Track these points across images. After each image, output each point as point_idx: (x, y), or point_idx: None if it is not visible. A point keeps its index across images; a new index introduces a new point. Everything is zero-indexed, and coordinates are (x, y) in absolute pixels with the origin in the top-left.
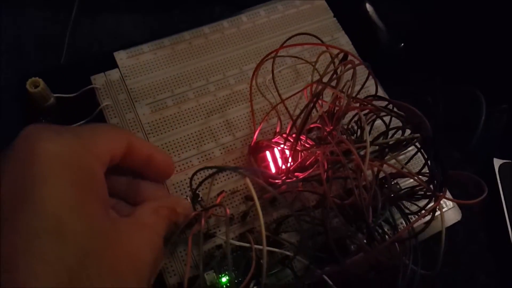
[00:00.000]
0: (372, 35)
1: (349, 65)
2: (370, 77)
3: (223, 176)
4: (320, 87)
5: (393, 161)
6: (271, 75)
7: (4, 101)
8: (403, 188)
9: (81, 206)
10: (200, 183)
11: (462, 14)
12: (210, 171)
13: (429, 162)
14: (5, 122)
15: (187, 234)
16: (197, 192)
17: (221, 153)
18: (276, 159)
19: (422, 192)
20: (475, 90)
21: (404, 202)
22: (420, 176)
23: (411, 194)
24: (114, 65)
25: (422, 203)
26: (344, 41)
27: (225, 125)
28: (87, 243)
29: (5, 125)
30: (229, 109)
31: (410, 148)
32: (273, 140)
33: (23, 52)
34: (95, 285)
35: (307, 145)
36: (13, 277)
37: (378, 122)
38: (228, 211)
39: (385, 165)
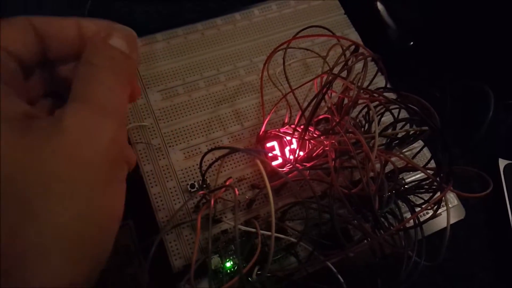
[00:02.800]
0: (382, 33)
1: (360, 57)
2: (379, 73)
3: (230, 164)
4: (330, 77)
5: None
6: (280, 67)
7: None
8: (407, 182)
9: None
10: (211, 164)
11: (470, 12)
12: (220, 155)
13: (436, 154)
14: None
15: (194, 216)
16: (205, 177)
17: (229, 142)
18: (283, 149)
19: (428, 186)
20: (483, 85)
21: (409, 195)
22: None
23: (417, 188)
24: None
25: (427, 197)
26: (354, 38)
27: (234, 114)
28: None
29: None
30: (238, 99)
31: (415, 144)
32: (281, 130)
33: None
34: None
35: (315, 135)
36: None
37: (384, 118)
38: (237, 192)
39: (392, 158)
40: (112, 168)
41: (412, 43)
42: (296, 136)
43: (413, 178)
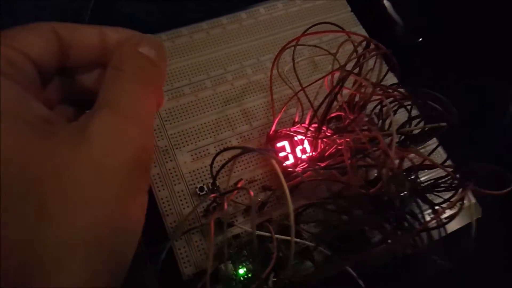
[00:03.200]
0: (389, 30)
1: (374, 52)
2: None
3: (240, 166)
4: (344, 74)
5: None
6: (288, 65)
7: None
8: (423, 181)
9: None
10: (224, 165)
11: (478, 9)
12: (232, 156)
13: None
14: None
15: (206, 220)
16: (216, 179)
17: (238, 142)
18: (294, 148)
19: (446, 184)
20: (502, 83)
21: (427, 194)
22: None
23: (433, 186)
24: None
25: (443, 196)
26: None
27: (242, 114)
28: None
29: None
30: (246, 98)
31: (429, 142)
32: (292, 129)
33: None
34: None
35: (328, 134)
36: None
37: (396, 116)
38: (252, 193)
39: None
40: (137, 178)
41: (420, 39)
42: (309, 135)
43: (427, 177)
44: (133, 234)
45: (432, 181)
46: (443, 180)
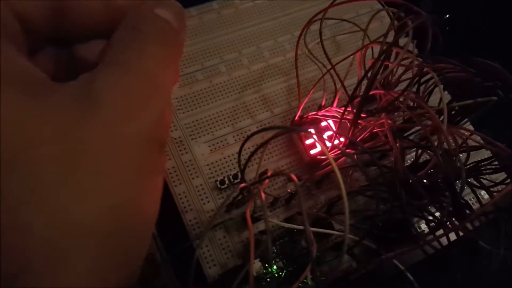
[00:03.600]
0: (415, 6)
1: (420, 19)
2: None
3: (263, 156)
4: (384, 47)
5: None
6: (311, 44)
7: None
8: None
9: None
10: (253, 152)
11: None
12: (263, 141)
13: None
14: None
15: (230, 215)
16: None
17: None
18: (322, 134)
19: (492, 166)
20: None
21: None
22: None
23: (480, 168)
24: None
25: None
26: (383, 13)
27: (261, 100)
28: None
29: None
30: (264, 83)
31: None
32: (319, 113)
33: None
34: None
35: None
36: None
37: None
38: (295, 177)
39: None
40: (153, 154)
41: (448, 15)
42: (346, 118)
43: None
44: (149, 224)
45: (474, 163)
46: (488, 161)
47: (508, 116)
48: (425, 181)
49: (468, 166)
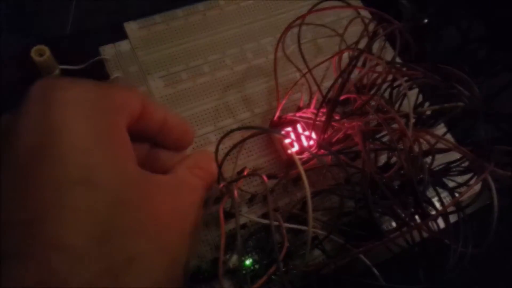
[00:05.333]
0: (394, 11)
1: (390, 28)
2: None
3: (242, 154)
4: (356, 53)
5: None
6: (291, 48)
7: (6, 72)
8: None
9: (111, 154)
10: (229, 151)
11: None
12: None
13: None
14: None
15: (212, 210)
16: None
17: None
18: (299, 135)
19: (460, 168)
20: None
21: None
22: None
23: (447, 170)
24: (122, 36)
25: (459, 179)
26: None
27: (243, 100)
28: (121, 193)
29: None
30: (247, 84)
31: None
32: (297, 115)
33: (25, 19)
34: (131, 235)
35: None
36: (44, 229)
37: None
38: (265, 178)
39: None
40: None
41: (426, 20)
42: (319, 120)
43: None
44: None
45: (443, 165)
46: (456, 163)
47: (473, 121)
48: (397, 181)
49: (438, 168)
